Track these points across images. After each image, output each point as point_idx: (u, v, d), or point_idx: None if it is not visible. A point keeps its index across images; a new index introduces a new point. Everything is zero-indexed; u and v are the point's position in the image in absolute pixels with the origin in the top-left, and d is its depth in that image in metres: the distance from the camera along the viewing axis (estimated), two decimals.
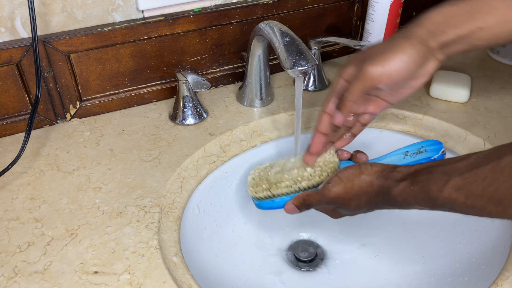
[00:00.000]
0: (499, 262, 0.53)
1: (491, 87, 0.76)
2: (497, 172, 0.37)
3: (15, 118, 0.65)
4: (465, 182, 0.39)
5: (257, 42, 0.65)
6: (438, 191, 0.41)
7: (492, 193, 0.37)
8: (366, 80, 0.47)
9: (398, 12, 0.75)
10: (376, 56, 0.47)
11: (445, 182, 0.40)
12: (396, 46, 0.47)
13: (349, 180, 0.48)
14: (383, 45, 0.48)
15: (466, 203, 0.39)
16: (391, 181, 0.45)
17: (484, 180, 0.38)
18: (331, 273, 0.66)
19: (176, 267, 0.49)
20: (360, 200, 0.48)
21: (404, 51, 0.46)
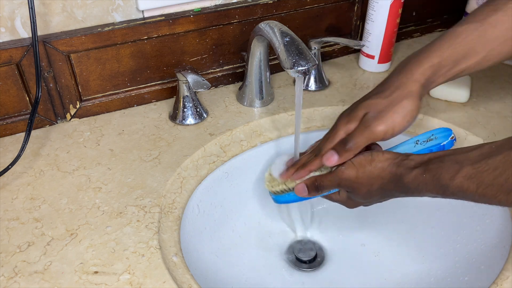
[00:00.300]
0: (499, 262, 0.53)
1: (491, 87, 0.76)
2: (508, 162, 0.39)
3: (15, 118, 0.65)
4: (476, 171, 0.41)
5: (257, 42, 0.65)
6: (450, 179, 0.42)
7: (502, 183, 0.39)
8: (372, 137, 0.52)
9: (398, 12, 0.75)
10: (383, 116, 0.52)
11: (456, 170, 0.42)
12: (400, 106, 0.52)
13: (361, 165, 0.50)
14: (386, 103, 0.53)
15: (477, 191, 0.41)
16: (403, 169, 0.47)
17: (495, 170, 0.39)
18: (331, 273, 0.66)
19: (176, 267, 0.49)
20: (372, 186, 0.50)
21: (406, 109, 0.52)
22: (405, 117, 0.52)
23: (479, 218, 0.62)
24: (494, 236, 0.59)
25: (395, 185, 0.48)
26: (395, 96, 0.53)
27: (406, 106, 0.52)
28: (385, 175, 0.49)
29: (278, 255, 0.68)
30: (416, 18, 0.90)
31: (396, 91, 0.53)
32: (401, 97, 0.52)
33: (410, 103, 0.52)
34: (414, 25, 0.91)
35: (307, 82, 0.76)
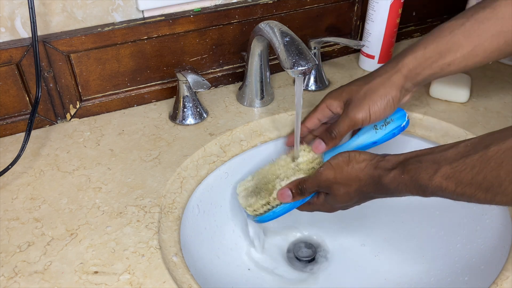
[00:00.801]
0: (499, 262, 0.53)
1: (491, 87, 0.76)
2: (485, 161, 0.39)
3: (15, 118, 0.65)
4: (454, 170, 0.41)
5: (257, 42, 0.65)
6: (429, 180, 0.43)
7: (481, 181, 0.39)
8: (352, 124, 0.56)
9: (398, 12, 0.75)
10: (361, 104, 0.55)
11: (434, 170, 0.42)
12: (378, 95, 0.55)
13: (338, 166, 0.51)
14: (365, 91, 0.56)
15: (456, 191, 0.41)
16: (381, 170, 0.48)
17: (473, 169, 0.40)
18: (331, 273, 0.66)
19: (176, 267, 0.49)
20: (350, 187, 0.50)
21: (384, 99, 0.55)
22: (382, 104, 0.54)
23: (479, 218, 0.62)
24: (494, 236, 0.59)
25: (374, 186, 0.48)
26: (375, 84, 0.56)
27: (383, 94, 0.55)
28: (363, 177, 0.49)
29: (278, 255, 0.68)
30: (416, 18, 0.90)
31: (378, 79, 0.56)
32: (380, 85, 0.55)
33: (388, 92, 0.55)
34: (414, 25, 0.91)
35: (307, 82, 0.76)
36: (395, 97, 0.55)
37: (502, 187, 0.38)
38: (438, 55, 0.54)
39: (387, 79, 0.55)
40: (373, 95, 0.55)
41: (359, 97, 0.56)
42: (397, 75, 0.55)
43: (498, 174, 0.38)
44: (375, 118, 0.55)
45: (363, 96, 0.56)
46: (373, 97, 0.55)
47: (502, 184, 0.38)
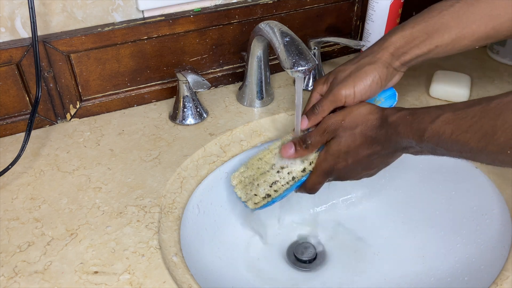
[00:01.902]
0: (499, 262, 0.53)
1: (491, 87, 0.76)
2: (485, 111, 0.41)
3: (15, 118, 0.65)
4: (455, 117, 0.43)
5: (257, 42, 0.65)
6: (430, 122, 0.44)
7: (477, 129, 0.41)
8: (335, 100, 0.54)
9: (398, 12, 0.75)
10: (346, 81, 0.54)
11: (438, 115, 0.44)
12: (363, 72, 0.54)
13: (350, 109, 0.52)
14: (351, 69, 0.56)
15: (451, 137, 0.42)
16: (390, 110, 0.49)
17: (473, 117, 0.41)
18: (331, 273, 0.66)
19: (176, 267, 0.49)
20: (356, 128, 0.50)
21: (369, 76, 0.54)
22: (367, 81, 0.54)
23: (479, 218, 0.62)
24: (494, 236, 0.59)
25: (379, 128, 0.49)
26: (362, 62, 0.55)
27: (369, 71, 0.54)
28: (371, 117, 0.50)
29: (278, 255, 0.68)
30: None
31: (364, 58, 0.56)
32: (366, 63, 0.55)
33: (374, 69, 0.54)
34: None
35: (307, 82, 0.76)
36: (381, 74, 0.54)
37: (495, 136, 0.39)
38: (426, 35, 0.54)
39: (373, 57, 0.55)
40: (358, 72, 0.54)
41: (345, 75, 0.55)
42: (384, 53, 0.55)
43: (495, 123, 0.39)
44: (360, 96, 0.54)
45: (349, 74, 0.55)
46: (358, 74, 0.54)
47: (496, 132, 0.39)
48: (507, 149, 0.39)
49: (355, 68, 0.55)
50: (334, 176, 0.55)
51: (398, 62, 0.55)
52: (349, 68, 0.56)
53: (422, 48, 0.54)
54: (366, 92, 0.54)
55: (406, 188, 0.70)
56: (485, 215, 0.61)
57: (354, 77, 0.54)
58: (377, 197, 0.72)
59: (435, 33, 0.53)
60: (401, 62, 0.55)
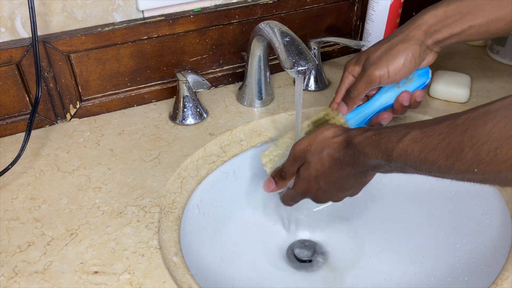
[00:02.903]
0: (499, 262, 0.53)
1: (491, 87, 0.76)
2: (452, 127, 0.39)
3: (15, 118, 0.65)
4: (423, 135, 0.41)
5: (257, 42, 0.65)
6: (397, 141, 0.42)
7: (444, 147, 0.39)
8: (370, 81, 0.54)
9: (398, 12, 0.75)
10: (379, 61, 0.54)
11: (404, 134, 0.42)
12: (397, 51, 0.53)
13: (313, 135, 0.51)
14: (384, 48, 0.55)
15: (420, 156, 0.40)
16: (355, 131, 0.48)
17: (440, 134, 0.39)
18: (331, 273, 0.66)
19: (176, 267, 0.49)
20: (322, 152, 0.49)
21: (403, 54, 0.53)
22: (400, 60, 0.53)
23: (479, 218, 0.62)
24: (494, 236, 0.59)
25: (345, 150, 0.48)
26: (394, 41, 0.55)
27: (402, 49, 0.53)
28: (337, 140, 0.49)
29: (278, 255, 0.68)
30: None
31: (397, 37, 0.55)
32: (398, 41, 0.54)
33: (407, 47, 0.53)
34: None
35: (307, 82, 0.76)
36: (414, 52, 0.53)
37: (462, 153, 0.37)
38: (460, 15, 0.52)
39: (406, 35, 0.54)
40: (391, 51, 0.53)
41: (378, 55, 0.54)
42: (416, 31, 0.54)
43: (462, 139, 0.37)
44: (394, 75, 0.53)
45: (381, 54, 0.54)
46: (391, 53, 0.53)
47: (463, 149, 0.37)
48: (474, 167, 0.37)
49: (387, 47, 0.54)
50: (310, 197, 0.55)
51: (431, 40, 0.54)
52: (382, 48, 0.55)
53: (455, 28, 0.53)
54: (400, 71, 0.53)
55: (406, 188, 0.70)
56: (485, 215, 0.61)
57: (387, 56, 0.53)
58: (377, 197, 0.72)
59: (469, 13, 0.52)
60: (434, 40, 0.54)
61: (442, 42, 0.55)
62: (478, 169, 0.37)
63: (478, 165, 0.36)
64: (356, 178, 0.50)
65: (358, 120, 0.59)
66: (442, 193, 0.67)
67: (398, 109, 0.58)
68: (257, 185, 0.69)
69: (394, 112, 0.59)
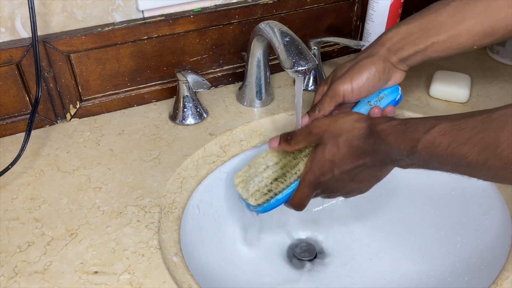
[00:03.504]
0: (499, 262, 0.53)
1: (491, 87, 0.76)
2: (487, 122, 0.37)
3: (15, 118, 0.65)
4: (453, 127, 0.39)
5: (257, 42, 0.65)
6: (424, 132, 0.41)
7: (477, 142, 0.37)
8: (334, 96, 0.55)
9: (398, 12, 0.75)
10: (344, 76, 0.54)
11: (433, 125, 0.41)
12: (360, 66, 0.54)
13: (335, 116, 0.50)
14: (349, 65, 0.56)
15: (447, 149, 0.39)
16: (379, 119, 0.47)
17: (473, 128, 0.38)
18: (331, 273, 0.66)
19: (176, 267, 0.49)
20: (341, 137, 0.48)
21: (366, 69, 0.54)
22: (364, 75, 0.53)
23: (479, 218, 0.62)
24: (494, 236, 0.59)
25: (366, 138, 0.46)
26: (359, 58, 0.56)
27: (366, 65, 0.54)
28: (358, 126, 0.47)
29: (278, 255, 0.68)
30: None
31: (362, 54, 0.56)
32: (363, 58, 0.55)
33: (371, 62, 0.54)
34: None
35: (307, 82, 0.76)
36: (378, 68, 0.54)
37: (498, 149, 0.36)
38: (422, 31, 0.53)
39: (370, 52, 0.55)
40: (356, 67, 0.54)
41: (343, 72, 0.55)
42: (380, 48, 0.55)
43: (498, 135, 0.36)
44: (358, 89, 0.53)
45: (346, 70, 0.55)
46: (356, 68, 0.54)
47: (499, 146, 0.36)
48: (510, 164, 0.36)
49: (352, 64, 0.55)
50: (321, 188, 0.52)
51: (396, 57, 0.55)
52: (347, 65, 0.56)
53: (418, 44, 0.54)
54: (364, 85, 0.54)
55: (406, 188, 0.70)
56: (485, 215, 0.61)
57: (351, 72, 0.54)
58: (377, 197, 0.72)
59: (431, 29, 0.53)
60: (399, 57, 0.55)
61: (408, 60, 0.55)
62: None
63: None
64: (372, 171, 0.49)
65: None
66: (442, 193, 0.67)
67: None
68: None
69: None
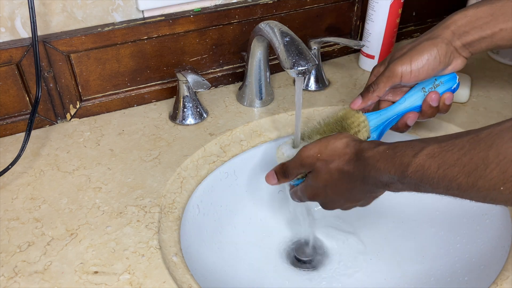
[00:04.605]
0: (499, 262, 0.53)
1: (491, 87, 0.76)
2: (475, 142, 0.36)
3: (15, 118, 0.65)
4: (441, 149, 0.38)
5: (257, 42, 0.65)
6: (413, 156, 0.40)
7: (466, 163, 0.36)
8: (391, 76, 0.52)
9: (398, 12, 0.75)
10: (403, 57, 0.52)
11: (421, 148, 0.40)
12: (422, 47, 0.51)
13: (326, 140, 0.49)
14: (409, 46, 0.53)
15: (438, 172, 0.38)
16: (367, 144, 0.46)
17: (461, 149, 0.37)
18: (331, 273, 0.66)
19: (176, 267, 0.49)
20: (332, 163, 0.47)
21: (428, 51, 0.51)
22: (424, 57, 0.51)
23: (479, 218, 0.62)
24: (494, 236, 0.59)
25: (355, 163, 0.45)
26: (421, 39, 0.53)
27: (427, 47, 0.51)
28: (348, 151, 0.47)
29: (278, 255, 0.68)
30: (416, 18, 0.90)
31: (424, 36, 0.53)
32: (425, 39, 0.52)
33: (433, 44, 0.51)
34: (414, 25, 0.91)
35: (307, 82, 0.76)
36: (440, 50, 0.51)
37: (487, 169, 0.35)
38: (491, 16, 0.50)
39: (433, 34, 0.52)
40: (417, 48, 0.51)
41: (402, 53, 0.53)
42: (444, 30, 0.52)
43: (486, 155, 0.35)
44: (417, 71, 0.51)
45: (406, 51, 0.52)
46: (416, 49, 0.51)
47: (488, 166, 0.35)
48: (500, 185, 0.34)
49: (413, 45, 0.53)
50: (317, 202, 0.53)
51: (460, 42, 0.52)
52: (408, 46, 0.53)
53: (485, 30, 0.51)
54: (423, 68, 0.51)
55: None
56: (485, 215, 0.61)
57: (411, 52, 0.51)
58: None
59: (501, 15, 0.50)
60: (463, 42, 0.52)
61: (472, 46, 0.52)
62: (504, 187, 0.34)
63: (505, 183, 0.34)
64: (366, 192, 0.49)
65: (379, 122, 0.56)
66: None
67: (426, 110, 0.56)
68: (257, 185, 0.69)
69: (422, 114, 0.56)
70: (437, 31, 0.53)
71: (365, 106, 0.55)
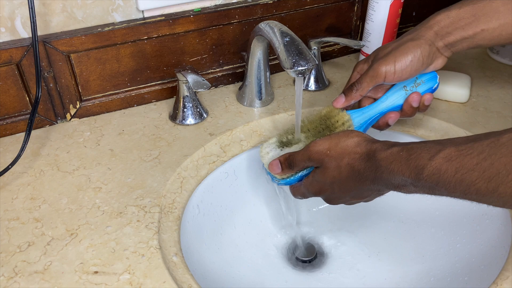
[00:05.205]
0: (499, 262, 0.53)
1: (491, 87, 0.76)
2: (496, 146, 0.35)
3: (15, 118, 0.65)
4: (459, 153, 0.37)
5: (257, 42, 0.65)
6: (429, 159, 0.39)
7: (486, 168, 0.35)
8: (374, 76, 0.53)
9: (398, 12, 0.75)
10: (387, 57, 0.52)
11: (438, 150, 0.39)
12: (405, 48, 0.52)
13: (337, 137, 0.48)
14: (393, 46, 0.54)
15: (455, 176, 0.37)
16: (380, 145, 0.45)
17: (480, 154, 0.36)
18: (331, 273, 0.66)
19: (176, 267, 0.49)
20: (342, 160, 0.47)
21: (411, 52, 0.52)
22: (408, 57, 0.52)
23: (479, 218, 0.62)
24: (494, 236, 0.59)
25: (366, 163, 0.45)
26: (404, 39, 0.54)
27: (411, 47, 0.52)
28: (359, 150, 0.46)
29: (278, 255, 0.68)
30: (416, 18, 0.90)
31: (407, 36, 0.54)
32: (408, 40, 0.53)
33: (417, 45, 0.52)
34: (414, 25, 0.91)
35: (307, 82, 0.76)
36: (423, 51, 0.52)
37: (510, 176, 0.34)
38: (473, 17, 0.51)
39: (416, 34, 0.53)
40: (400, 48, 0.52)
41: (386, 52, 0.53)
42: (427, 31, 0.53)
43: (508, 161, 0.34)
44: (400, 72, 0.52)
45: (390, 51, 0.53)
46: (400, 50, 0.52)
47: (510, 172, 0.34)
48: None
49: (397, 45, 0.53)
50: (322, 197, 0.53)
51: (442, 42, 0.53)
52: (391, 46, 0.54)
53: (467, 30, 0.51)
54: (406, 68, 0.52)
55: None
56: (485, 215, 0.61)
57: (395, 52, 0.52)
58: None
59: (483, 16, 0.51)
60: (445, 43, 0.53)
61: (454, 46, 0.53)
62: None
63: None
64: (373, 191, 0.48)
65: (362, 120, 0.58)
66: None
67: (407, 110, 0.56)
68: (257, 185, 0.69)
69: (403, 114, 0.57)
70: (420, 32, 0.53)
71: (347, 105, 0.56)
